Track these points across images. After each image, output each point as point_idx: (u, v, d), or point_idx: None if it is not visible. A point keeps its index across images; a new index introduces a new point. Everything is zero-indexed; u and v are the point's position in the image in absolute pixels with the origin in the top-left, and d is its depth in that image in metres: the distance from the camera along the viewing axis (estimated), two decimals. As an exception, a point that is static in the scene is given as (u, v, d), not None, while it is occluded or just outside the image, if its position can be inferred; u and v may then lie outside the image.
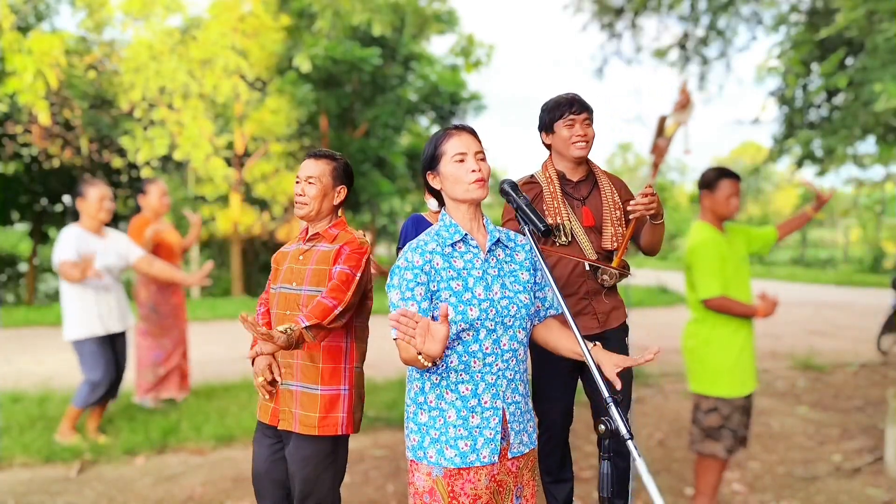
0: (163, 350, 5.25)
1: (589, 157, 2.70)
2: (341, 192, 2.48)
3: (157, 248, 5.10)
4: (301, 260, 2.45)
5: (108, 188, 4.55)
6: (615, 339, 2.70)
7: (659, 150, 2.21)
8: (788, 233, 3.61)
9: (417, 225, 3.31)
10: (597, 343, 1.94)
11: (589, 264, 2.56)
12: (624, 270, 2.57)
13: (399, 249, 3.76)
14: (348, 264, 2.33)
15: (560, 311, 2.01)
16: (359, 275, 2.33)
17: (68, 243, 4.30)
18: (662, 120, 2.13)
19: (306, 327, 2.13)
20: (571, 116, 2.57)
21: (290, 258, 2.49)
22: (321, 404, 2.35)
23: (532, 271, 1.98)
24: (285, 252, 2.54)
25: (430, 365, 1.74)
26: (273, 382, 2.35)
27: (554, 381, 2.72)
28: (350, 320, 2.40)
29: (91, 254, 4.21)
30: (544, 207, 2.61)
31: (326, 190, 2.43)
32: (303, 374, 2.38)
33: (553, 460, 2.75)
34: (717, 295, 3.18)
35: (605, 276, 2.56)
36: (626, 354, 2.75)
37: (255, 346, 2.13)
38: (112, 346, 4.58)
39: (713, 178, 3.26)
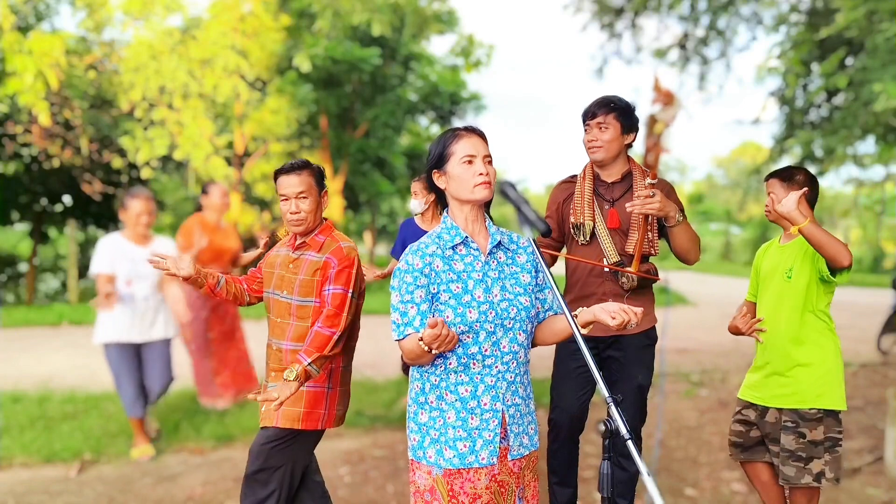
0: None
1: (631, 157, 2.72)
2: (325, 197, 2.54)
3: (203, 251, 4.74)
4: (291, 268, 2.50)
5: (152, 202, 4.46)
6: (633, 345, 2.68)
7: (648, 150, 2.22)
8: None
9: (407, 230, 3.41)
10: (581, 308, 1.91)
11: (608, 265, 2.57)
12: (643, 275, 2.54)
13: (394, 251, 3.78)
14: (339, 283, 2.40)
15: (559, 313, 2.01)
16: (351, 291, 2.41)
17: (104, 254, 4.31)
18: (652, 119, 2.14)
19: (309, 364, 2.27)
20: (587, 122, 2.63)
21: (280, 265, 2.54)
22: (306, 400, 2.45)
23: (533, 273, 1.98)
24: (276, 256, 2.58)
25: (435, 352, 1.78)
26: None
27: (565, 382, 2.72)
28: None
29: (111, 292, 4.17)
30: (572, 206, 2.64)
31: (317, 201, 2.48)
32: None
33: (559, 461, 2.76)
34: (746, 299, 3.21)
35: (624, 279, 2.57)
36: (649, 364, 2.74)
37: (263, 392, 2.24)
38: (137, 355, 4.44)
39: None
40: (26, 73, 10.35)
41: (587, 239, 2.60)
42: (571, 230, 2.65)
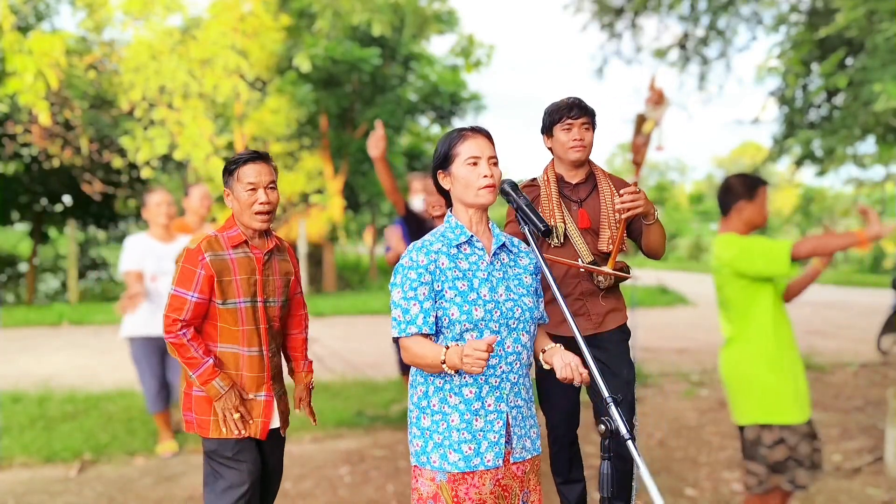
0: None
1: (591, 159, 2.73)
2: None
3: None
4: (267, 270, 2.36)
5: (168, 194, 4.58)
6: (613, 342, 2.69)
7: (636, 148, 2.23)
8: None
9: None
10: (558, 345, 1.96)
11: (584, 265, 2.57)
12: (619, 273, 2.56)
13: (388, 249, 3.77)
14: (300, 287, 2.55)
15: (546, 322, 2.06)
16: None
17: (132, 253, 4.43)
18: (640, 118, 2.15)
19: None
20: (569, 121, 2.60)
21: (246, 269, 2.31)
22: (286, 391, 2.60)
23: (535, 276, 2.00)
24: (223, 260, 2.28)
25: (448, 371, 1.77)
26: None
27: (555, 383, 2.72)
28: None
29: (137, 293, 4.23)
30: (540, 209, 2.65)
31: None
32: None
33: (561, 462, 2.76)
34: None
35: (600, 278, 2.58)
36: (627, 357, 2.76)
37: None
38: (161, 350, 4.47)
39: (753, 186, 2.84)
40: (26, 73, 10.35)
41: (560, 241, 2.61)
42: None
